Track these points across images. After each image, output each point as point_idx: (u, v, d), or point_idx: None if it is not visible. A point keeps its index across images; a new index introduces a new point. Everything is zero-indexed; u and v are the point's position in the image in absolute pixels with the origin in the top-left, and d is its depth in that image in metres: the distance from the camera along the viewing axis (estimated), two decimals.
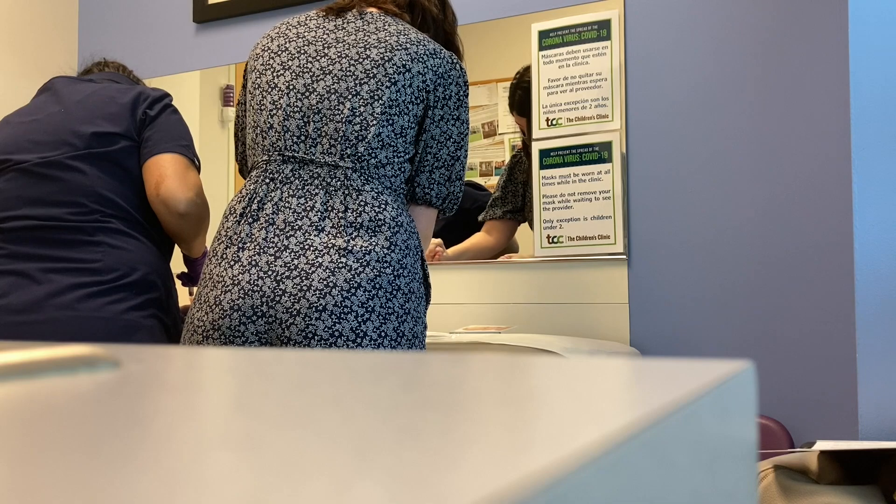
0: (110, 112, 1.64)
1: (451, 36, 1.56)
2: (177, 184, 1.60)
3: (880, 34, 1.67)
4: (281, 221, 1.31)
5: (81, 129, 1.60)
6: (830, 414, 1.76)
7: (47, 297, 1.49)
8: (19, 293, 1.50)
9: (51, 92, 1.72)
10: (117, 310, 1.50)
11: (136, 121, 1.64)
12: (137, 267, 1.56)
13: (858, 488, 1.32)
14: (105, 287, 1.51)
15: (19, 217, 1.56)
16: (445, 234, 2.23)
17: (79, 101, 1.66)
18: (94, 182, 1.58)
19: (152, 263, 1.60)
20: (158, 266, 1.62)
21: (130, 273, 1.55)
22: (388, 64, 1.36)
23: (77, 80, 1.75)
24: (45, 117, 1.65)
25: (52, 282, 1.50)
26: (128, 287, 1.53)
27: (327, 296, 1.26)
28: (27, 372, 0.38)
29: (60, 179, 1.57)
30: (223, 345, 1.31)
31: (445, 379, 0.37)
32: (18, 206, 1.57)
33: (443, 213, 1.46)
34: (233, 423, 0.26)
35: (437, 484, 0.18)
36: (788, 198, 1.84)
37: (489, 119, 2.21)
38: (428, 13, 1.51)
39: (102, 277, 1.52)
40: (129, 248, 1.57)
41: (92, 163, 1.59)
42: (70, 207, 1.56)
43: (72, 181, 1.57)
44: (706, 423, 0.33)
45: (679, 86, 1.96)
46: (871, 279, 1.64)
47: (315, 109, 1.36)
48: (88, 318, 1.48)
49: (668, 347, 1.94)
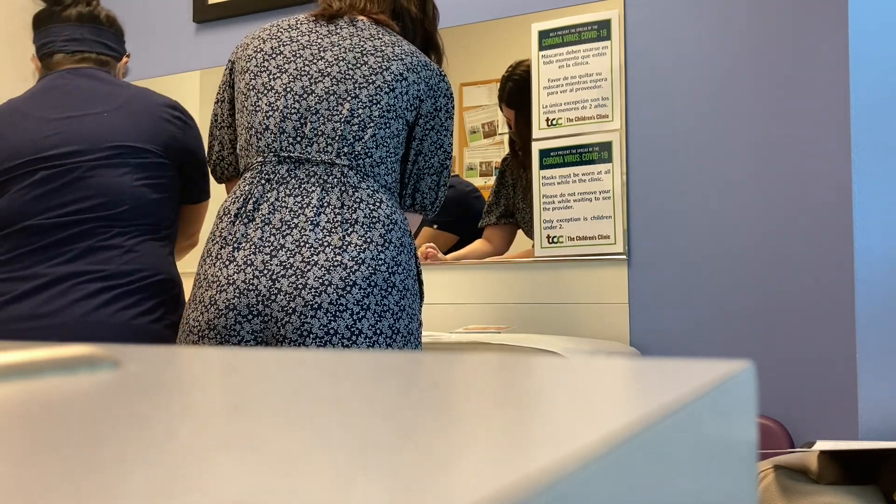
0: (145, 127, 1.61)
1: (431, 35, 1.58)
2: (197, 227, 1.81)
3: (880, 36, 1.67)
4: (277, 221, 1.32)
5: (119, 140, 1.57)
6: (830, 414, 1.76)
7: (60, 302, 1.47)
8: (32, 298, 1.48)
9: (73, 85, 1.65)
10: (127, 316, 1.49)
11: (170, 141, 1.63)
12: (151, 270, 1.55)
13: (858, 488, 1.32)
14: (117, 292, 1.50)
15: (40, 217, 1.53)
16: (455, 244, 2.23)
17: (118, 107, 1.61)
18: (122, 188, 1.56)
19: (167, 269, 1.59)
20: (174, 272, 1.62)
21: (145, 278, 1.54)
22: (387, 73, 1.40)
23: (99, 77, 1.68)
24: (82, 117, 1.59)
25: (66, 286, 1.48)
26: (139, 291, 1.52)
27: (322, 294, 1.26)
28: (27, 372, 0.38)
29: (86, 184, 1.54)
30: (219, 344, 1.31)
31: (445, 379, 0.37)
32: (43, 209, 1.53)
33: (427, 216, 1.52)
34: (232, 423, 0.26)
35: (437, 484, 0.18)
36: (788, 197, 1.84)
37: (489, 119, 2.21)
38: (407, 14, 1.54)
39: (116, 282, 1.51)
40: (144, 251, 1.56)
41: (120, 170, 1.57)
42: (91, 213, 1.53)
43: (96, 186, 1.55)
44: (706, 423, 0.33)
45: (679, 86, 1.96)
46: (871, 279, 1.64)
47: (313, 110, 1.37)
48: (98, 324, 1.47)
49: (668, 347, 1.94)
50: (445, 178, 1.49)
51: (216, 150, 1.51)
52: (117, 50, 1.77)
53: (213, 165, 1.53)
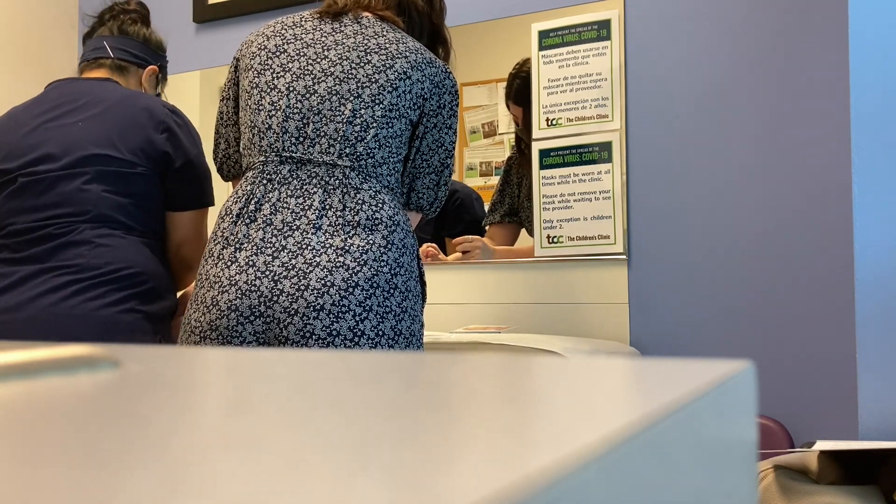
0: (118, 133, 1.60)
1: (438, 28, 1.57)
2: (195, 247, 1.69)
3: (880, 36, 1.67)
4: (279, 222, 1.31)
5: (88, 149, 1.58)
6: (830, 414, 1.76)
7: (28, 295, 1.49)
8: (4, 295, 1.51)
9: (59, 93, 1.68)
10: (92, 306, 1.50)
11: (144, 146, 1.62)
12: (122, 263, 1.56)
13: (858, 488, 1.32)
14: (85, 284, 1.51)
15: (18, 223, 1.57)
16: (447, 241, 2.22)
17: (96, 114, 1.62)
18: (99, 197, 1.57)
19: (142, 263, 1.58)
20: (150, 266, 1.60)
21: (116, 270, 1.54)
22: (390, 71, 1.38)
23: (95, 83, 1.69)
24: (58, 126, 1.62)
25: (37, 282, 1.51)
26: (108, 283, 1.53)
27: (325, 295, 1.26)
28: (27, 372, 0.38)
29: (54, 193, 1.57)
30: (221, 345, 1.31)
31: (445, 379, 0.37)
32: (20, 214, 1.57)
33: (427, 216, 1.50)
34: (232, 424, 0.26)
35: (437, 484, 0.18)
36: (788, 197, 1.84)
37: (489, 119, 2.21)
38: (413, 8, 1.52)
39: (84, 275, 1.52)
40: (116, 245, 1.57)
41: (99, 181, 1.58)
42: (61, 218, 1.56)
43: (63, 195, 1.56)
44: (706, 423, 0.33)
45: (679, 86, 1.96)
46: (872, 279, 1.64)
47: (315, 110, 1.36)
48: (63, 316, 1.48)
49: (668, 347, 1.94)
50: (446, 177, 1.46)
51: (222, 148, 1.51)
52: (140, 57, 1.79)
53: (219, 164, 1.53)
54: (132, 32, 1.80)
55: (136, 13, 1.84)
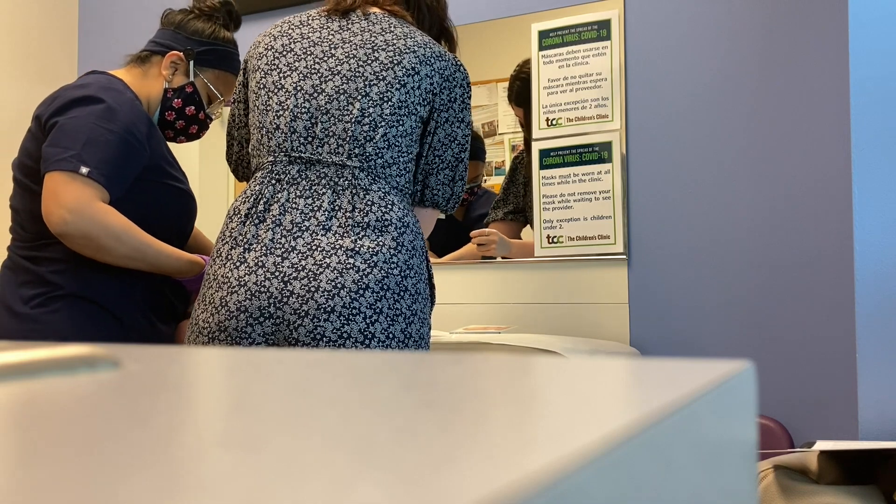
0: (26, 146, 1.61)
1: (443, 21, 1.55)
2: (49, 205, 1.46)
3: (880, 35, 1.67)
4: (288, 222, 1.30)
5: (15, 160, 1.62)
6: (830, 414, 1.76)
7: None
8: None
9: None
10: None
11: (29, 143, 1.60)
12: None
13: (858, 488, 1.32)
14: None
15: None
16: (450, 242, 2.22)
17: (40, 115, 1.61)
18: (20, 208, 1.61)
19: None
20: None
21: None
22: (398, 67, 1.36)
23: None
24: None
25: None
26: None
27: (335, 297, 1.24)
28: (27, 372, 0.38)
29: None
30: (229, 346, 1.29)
31: (446, 379, 0.37)
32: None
33: (445, 213, 1.48)
34: (233, 423, 0.26)
35: (437, 484, 0.18)
36: (788, 197, 1.84)
37: (489, 119, 2.21)
38: (423, 2, 1.50)
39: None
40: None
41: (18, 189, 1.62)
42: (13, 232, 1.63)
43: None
44: (706, 423, 0.33)
45: (679, 86, 1.96)
46: (871, 279, 1.64)
47: (323, 110, 1.35)
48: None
49: (668, 347, 1.94)
50: (462, 171, 1.43)
51: (235, 150, 1.50)
52: (161, 44, 1.73)
53: (233, 165, 1.52)
54: (168, 21, 1.76)
55: (207, 9, 1.77)
